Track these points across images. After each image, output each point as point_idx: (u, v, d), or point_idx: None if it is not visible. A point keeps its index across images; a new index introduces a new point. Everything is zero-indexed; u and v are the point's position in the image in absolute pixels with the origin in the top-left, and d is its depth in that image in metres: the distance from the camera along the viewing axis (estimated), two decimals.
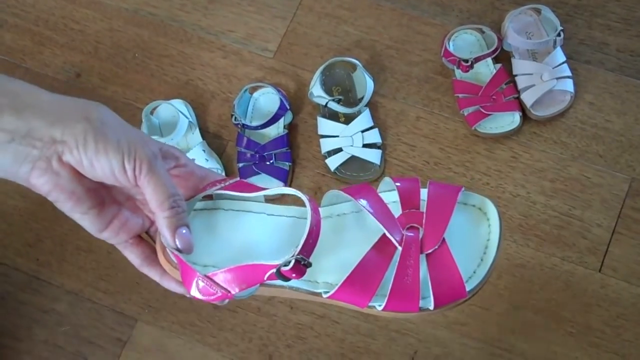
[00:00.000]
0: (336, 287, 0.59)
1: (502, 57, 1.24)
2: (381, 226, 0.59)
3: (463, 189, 0.62)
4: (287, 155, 1.22)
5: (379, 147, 1.21)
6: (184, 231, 0.57)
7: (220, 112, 1.27)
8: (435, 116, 1.24)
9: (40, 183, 0.54)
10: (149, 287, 1.17)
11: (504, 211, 1.17)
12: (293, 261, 0.55)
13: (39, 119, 0.53)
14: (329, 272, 0.61)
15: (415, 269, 0.58)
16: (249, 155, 1.21)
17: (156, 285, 0.64)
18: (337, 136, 1.21)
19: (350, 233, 0.63)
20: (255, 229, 0.63)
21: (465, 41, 1.26)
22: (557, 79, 1.20)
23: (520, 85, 1.21)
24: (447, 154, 1.21)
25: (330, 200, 0.64)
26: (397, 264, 0.59)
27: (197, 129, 1.23)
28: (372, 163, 1.20)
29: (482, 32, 1.26)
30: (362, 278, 0.59)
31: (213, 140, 1.25)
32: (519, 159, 1.20)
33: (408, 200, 0.62)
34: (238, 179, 0.63)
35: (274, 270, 0.56)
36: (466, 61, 1.21)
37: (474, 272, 0.60)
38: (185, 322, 1.16)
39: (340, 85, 1.25)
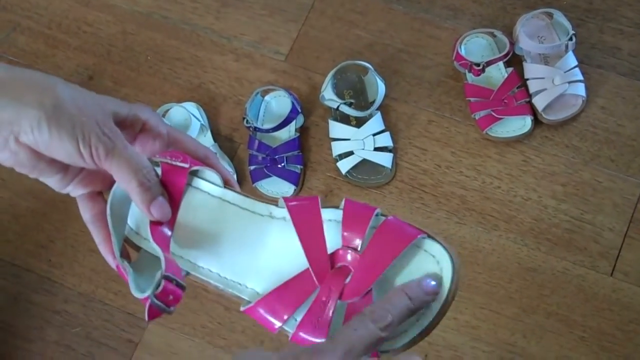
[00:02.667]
0: (253, 302, 0.55)
1: (514, 61, 1.24)
2: (306, 259, 0.54)
3: (419, 236, 0.53)
4: (299, 158, 1.22)
5: (390, 151, 1.21)
6: (160, 199, 0.56)
7: (232, 115, 1.27)
8: (447, 120, 1.24)
9: (2, 159, 0.53)
10: None
11: (515, 215, 1.17)
12: (163, 282, 0.51)
13: None
14: (260, 278, 0.56)
15: (327, 315, 0.53)
16: (260, 158, 1.21)
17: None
18: (349, 139, 1.21)
19: (296, 241, 0.55)
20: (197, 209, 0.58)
21: (477, 45, 1.26)
22: (569, 83, 1.19)
23: (531, 89, 1.21)
24: (459, 157, 1.21)
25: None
26: (314, 298, 0.54)
27: (209, 132, 1.24)
28: (383, 166, 1.20)
29: (493, 36, 1.26)
30: (279, 301, 0.54)
31: (225, 143, 1.25)
32: (530, 163, 1.20)
33: (351, 233, 0.54)
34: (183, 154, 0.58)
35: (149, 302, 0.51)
36: (478, 65, 1.21)
37: (405, 331, 0.52)
38: (197, 324, 1.17)
39: (351, 89, 1.25)
